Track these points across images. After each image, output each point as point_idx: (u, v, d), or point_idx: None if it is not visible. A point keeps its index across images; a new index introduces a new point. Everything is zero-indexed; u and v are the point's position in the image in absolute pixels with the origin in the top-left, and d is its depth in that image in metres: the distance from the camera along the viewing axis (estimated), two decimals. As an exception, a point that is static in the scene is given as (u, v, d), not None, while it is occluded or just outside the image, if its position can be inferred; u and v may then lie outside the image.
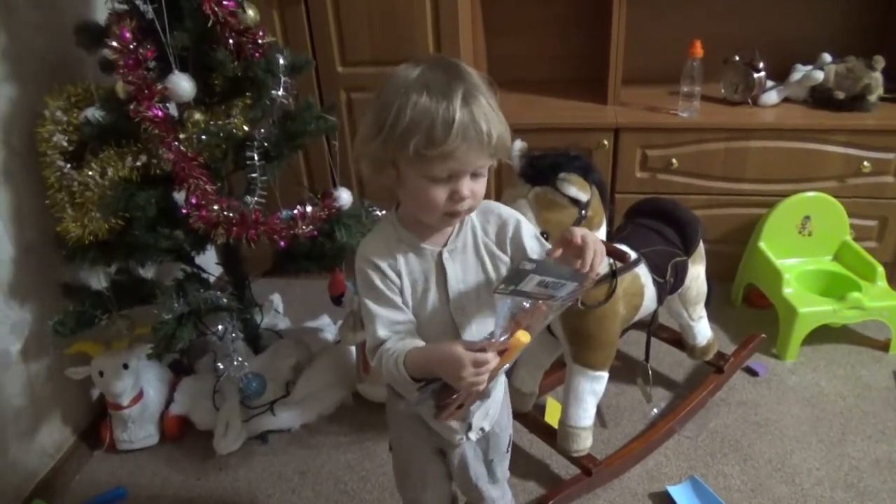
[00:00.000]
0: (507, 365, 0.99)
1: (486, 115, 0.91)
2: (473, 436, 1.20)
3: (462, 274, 1.06)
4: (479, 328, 1.07)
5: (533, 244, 1.08)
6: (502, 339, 0.94)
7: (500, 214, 1.08)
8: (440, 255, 1.05)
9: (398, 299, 1.04)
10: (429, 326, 1.06)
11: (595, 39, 2.47)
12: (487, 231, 1.08)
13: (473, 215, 1.07)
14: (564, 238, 0.98)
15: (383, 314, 1.03)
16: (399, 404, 1.19)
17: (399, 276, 1.04)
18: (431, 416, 1.11)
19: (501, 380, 1.23)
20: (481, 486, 1.28)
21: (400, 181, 0.98)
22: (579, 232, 0.97)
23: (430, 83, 0.90)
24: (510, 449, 1.33)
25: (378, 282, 1.03)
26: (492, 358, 0.92)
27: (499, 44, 2.62)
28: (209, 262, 2.00)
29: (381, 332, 1.03)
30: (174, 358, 2.12)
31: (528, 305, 0.96)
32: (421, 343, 1.02)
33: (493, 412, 1.21)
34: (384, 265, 1.03)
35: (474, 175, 0.96)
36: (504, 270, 1.07)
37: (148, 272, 1.94)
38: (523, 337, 0.93)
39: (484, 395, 1.13)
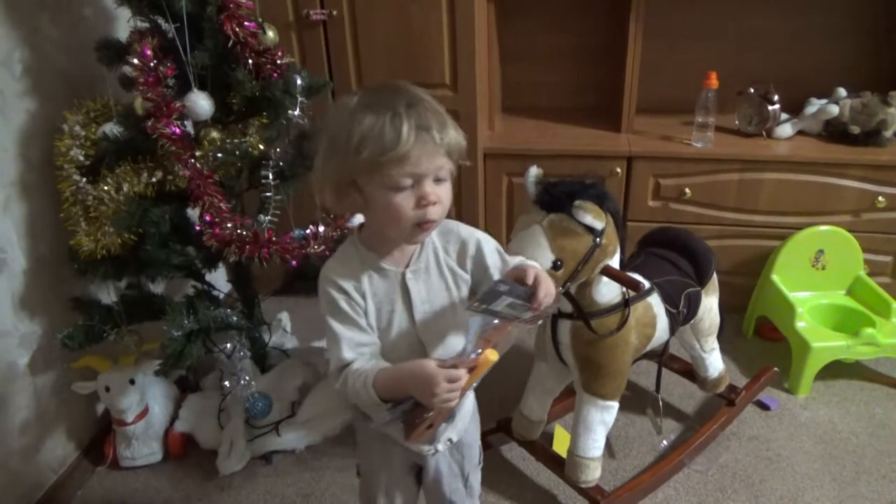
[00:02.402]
0: (475, 384, 0.99)
1: (433, 116, 0.94)
2: (441, 447, 1.20)
3: (426, 294, 1.07)
4: (445, 347, 1.08)
5: (495, 259, 1.10)
6: (473, 356, 0.95)
7: (460, 234, 1.10)
8: (403, 275, 1.06)
9: (363, 321, 1.04)
10: (395, 348, 1.06)
11: (610, 68, 2.48)
12: (448, 251, 1.10)
13: (434, 236, 1.08)
14: (517, 274, 1.01)
15: (348, 335, 1.03)
16: (368, 425, 1.18)
17: (364, 297, 1.04)
18: (400, 437, 1.10)
19: (470, 395, 1.23)
20: (456, 501, 1.28)
21: (365, 200, 0.99)
22: (532, 272, 1.00)
23: (370, 102, 0.95)
24: (482, 460, 1.33)
25: (343, 303, 1.03)
26: (463, 374, 0.93)
27: (514, 71, 2.64)
28: (219, 279, 2.00)
29: (347, 353, 1.03)
30: (180, 375, 2.11)
31: (496, 323, 0.99)
32: (387, 364, 1.03)
33: (461, 425, 1.22)
34: (349, 287, 1.03)
35: (437, 180, 0.97)
36: (465, 289, 1.10)
37: (158, 288, 1.94)
38: (492, 355, 0.95)
39: (450, 417, 1.14)
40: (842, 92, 2.32)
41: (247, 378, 1.84)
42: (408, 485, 1.27)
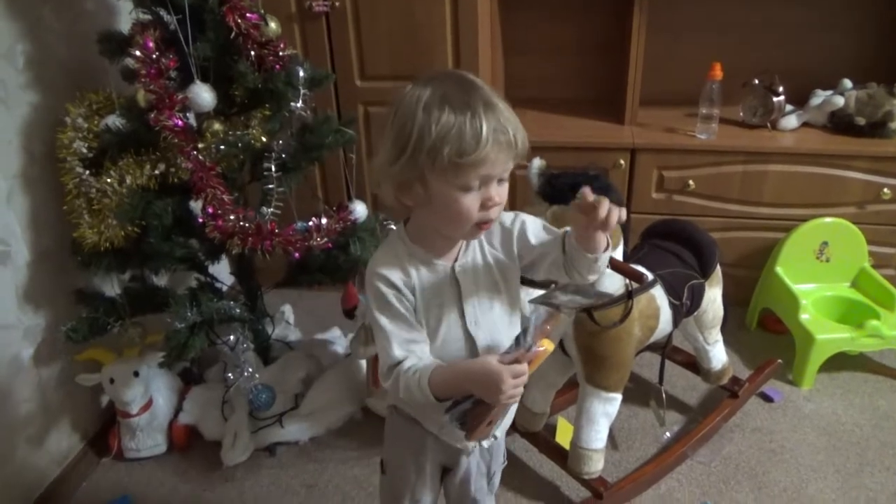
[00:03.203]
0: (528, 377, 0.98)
1: (508, 119, 0.92)
2: (486, 443, 1.19)
3: (475, 287, 1.05)
4: (495, 341, 1.07)
5: (537, 229, 1.07)
6: (534, 349, 0.94)
7: (502, 222, 1.08)
8: (453, 269, 1.04)
9: (412, 317, 1.02)
10: (445, 344, 1.05)
11: (613, 60, 2.47)
12: (493, 242, 1.07)
13: None
14: (585, 202, 0.94)
15: (398, 333, 1.01)
16: (404, 423, 1.17)
17: (413, 292, 1.02)
18: (453, 437, 1.10)
19: None
20: (479, 499, 1.27)
21: (428, 197, 0.96)
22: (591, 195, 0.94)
23: (447, 97, 0.91)
24: (506, 459, 1.32)
25: (393, 299, 1.01)
26: (527, 368, 0.92)
27: (517, 63, 2.63)
28: (222, 271, 2.00)
29: (397, 351, 1.00)
30: (184, 367, 2.12)
31: (551, 312, 0.97)
32: (440, 363, 1.01)
33: (506, 421, 1.20)
34: (399, 282, 1.01)
35: (500, 180, 0.96)
36: (512, 278, 1.08)
37: (161, 280, 1.94)
38: (549, 345, 0.94)
39: (506, 411, 1.12)
40: (847, 83, 2.30)
41: (250, 370, 1.84)
42: (434, 484, 1.25)
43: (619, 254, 1.50)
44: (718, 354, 1.94)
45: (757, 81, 2.32)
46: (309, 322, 2.40)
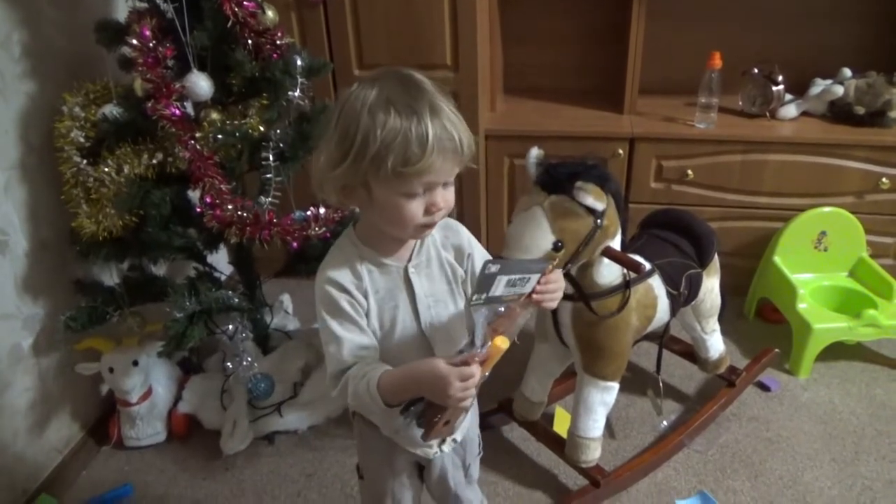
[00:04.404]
0: (487, 374, 0.96)
1: (454, 124, 0.90)
2: (447, 448, 1.18)
3: (429, 287, 1.05)
4: (451, 341, 1.06)
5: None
6: (482, 349, 0.93)
7: (460, 235, 1.09)
8: (406, 270, 1.03)
9: (364, 322, 1.01)
10: (400, 347, 1.04)
11: (613, 49, 2.45)
12: (447, 246, 1.08)
13: (434, 229, 1.04)
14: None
15: (349, 338, 0.99)
16: (369, 427, 1.16)
17: (366, 296, 1.01)
18: (410, 442, 1.10)
19: None
20: (460, 493, 1.27)
21: (371, 201, 0.95)
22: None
23: (392, 100, 0.88)
24: (482, 449, 1.31)
25: (345, 304, 0.99)
26: (476, 370, 0.90)
27: (516, 52, 2.61)
28: (220, 261, 2.01)
29: (347, 356, 0.99)
30: (183, 356, 2.12)
31: (502, 310, 0.97)
32: (388, 367, 0.99)
33: (466, 422, 1.19)
34: (351, 286, 0.99)
35: (445, 184, 0.95)
36: (461, 283, 1.09)
37: (160, 270, 1.94)
38: (502, 343, 0.92)
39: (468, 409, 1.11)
40: (847, 72, 2.30)
41: (249, 359, 1.85)
42: (413, 483, 1.25)
43: (617, 243, 1.51)
44: (716, 344, 1.95)
45: (756, 70, 2.32)
46: (307, 311, 2.40)
